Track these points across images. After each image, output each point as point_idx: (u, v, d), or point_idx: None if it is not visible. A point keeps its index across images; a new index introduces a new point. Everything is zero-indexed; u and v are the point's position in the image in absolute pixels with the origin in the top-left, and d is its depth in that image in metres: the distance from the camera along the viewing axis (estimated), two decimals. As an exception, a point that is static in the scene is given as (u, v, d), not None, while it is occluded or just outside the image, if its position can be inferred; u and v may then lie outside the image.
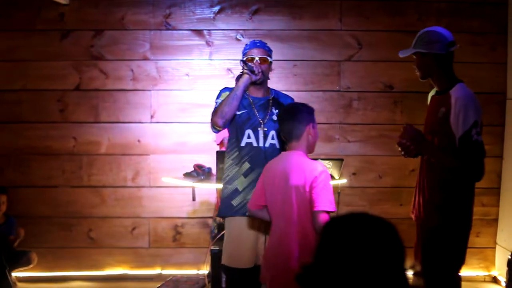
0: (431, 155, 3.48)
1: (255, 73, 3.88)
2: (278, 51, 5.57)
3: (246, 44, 4.06)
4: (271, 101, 4.03)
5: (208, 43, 5.60)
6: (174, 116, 5.61)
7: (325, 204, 3.09)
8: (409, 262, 1.56)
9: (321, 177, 3.12)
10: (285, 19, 5.61)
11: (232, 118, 3.89)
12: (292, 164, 3.26)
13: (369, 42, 5.60)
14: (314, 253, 1.59)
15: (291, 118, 3.33)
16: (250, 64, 3.88)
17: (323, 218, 3.06)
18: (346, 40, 5.60)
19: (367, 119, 5.66)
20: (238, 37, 5.60)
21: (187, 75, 5.61)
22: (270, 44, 5.50)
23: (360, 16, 5.60)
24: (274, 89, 4.17)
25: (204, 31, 5.60)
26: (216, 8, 5.60)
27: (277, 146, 3.91)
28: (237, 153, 3.93)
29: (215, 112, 3.88)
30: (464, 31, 5.54)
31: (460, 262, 3.50)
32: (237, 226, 3.86)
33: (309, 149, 3.36)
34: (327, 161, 4.98)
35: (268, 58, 4.00)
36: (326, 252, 1.55)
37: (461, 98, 3.36)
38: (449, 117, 3.36)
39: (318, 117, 5.51)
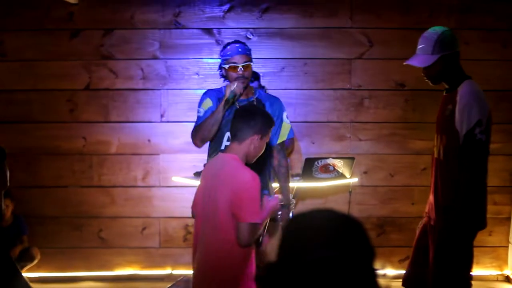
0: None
1: (238, 97, 3.79)
2: (289, 50, 5.58)
3: (226, 47, 3.90)
4: (254, 102, 3.92)
5: (218, 42, 5.57)
6: (184, 115, 5.58)
7: (250, 215, 2.98)
8: (380, 261, 1.50)
9: (247, 187, 3.00)
10: (296, 17, 5.57)
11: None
12: (223, 168, 3.14)
13: (380, 40, 5.56)
14: (277, 251, 1.52)
15: (243, 118, 3.18)
16: (232, 92, 3.72)
17: (247, 230, 2.97)
18: (357, 38, 5.56)
19: (378, 117, 5.62)
20: (248, 35, 5.57)
21: (197, 74, 5.58)
22: (280, 42, 5.59)
23: (371, 13, 5.56)
24: (259, 89, 4.03)
25: (214, 29, 5.58)
26: (226, 7, 5.57)
27: None
28: (215, 154, 3.85)
29: (195, 133, 3.83)
30: (475, 28, 5.51)
31: (471, 261, 3.48)
32: None
33: (248, 158, 3.19)
34: (338, 160, 4.96)
35: (251, 63, 3.86)
36: (290, 250, 1.47)
37: (466, 95, 3.35)
38: (455, 114, 3.35)
39: (330, 115, 5.60)
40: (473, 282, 3.55)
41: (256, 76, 5.01)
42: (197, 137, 3.81)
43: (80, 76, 5.59)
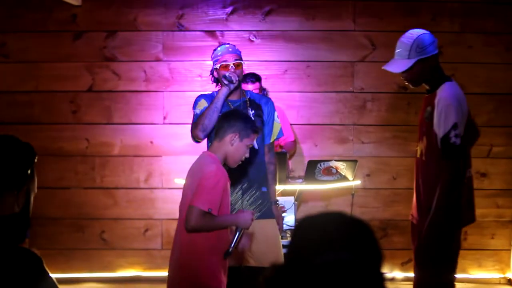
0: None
1: (234, 82, 3.87)
2: (291, 52, 5.59)
3: (216, 49, 4.05)
4: (247, 102, 4.03)
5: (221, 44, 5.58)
6: (186, 118, 5.54)
7: (202, 201, 3.00)
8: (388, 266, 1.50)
9: (207, 176, 3.05)
10: (298, 20, 5.58)
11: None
12: (197, 163, 3.24)
13: (383, 43, 5.54)
14: (286, 253, 1.52)
15: (225, 118, 3.31)
16: (229, 76, 3.85)
17: (194, 214, 2.99)
18: (360, 40, 5.57)
19: (381, 120, 5.62)
20: (251, 38, 5.58)
21: (199, 76, 5.58)
22: (283, 45, 5.60)
23: (374, 16, 5.57)
24: (248, 91, 4.16)
25: (217, 32, 5.59)
26: (229, 9, 5.58)
27: (255, 146, 3.85)
28: None
29: (195, 125, 3.88)
30: (478, 31, 5.52)
31: (453, 262, 3.49)
32: None
33: (228, 160, 3.24)
34: (341, 162, 4.96)
35: (241, 61, 3.97)
36: (298, 252, 1.46)
37: (443, 98, 3.35)
38: (433, 116, 3.37)
39: (332, 118, 5.60)
40: (475, 285, 3.55)
41: (257, 78, 5.04)
42: (198, 127, 3.85)
43: (83, 77, 5.60)
